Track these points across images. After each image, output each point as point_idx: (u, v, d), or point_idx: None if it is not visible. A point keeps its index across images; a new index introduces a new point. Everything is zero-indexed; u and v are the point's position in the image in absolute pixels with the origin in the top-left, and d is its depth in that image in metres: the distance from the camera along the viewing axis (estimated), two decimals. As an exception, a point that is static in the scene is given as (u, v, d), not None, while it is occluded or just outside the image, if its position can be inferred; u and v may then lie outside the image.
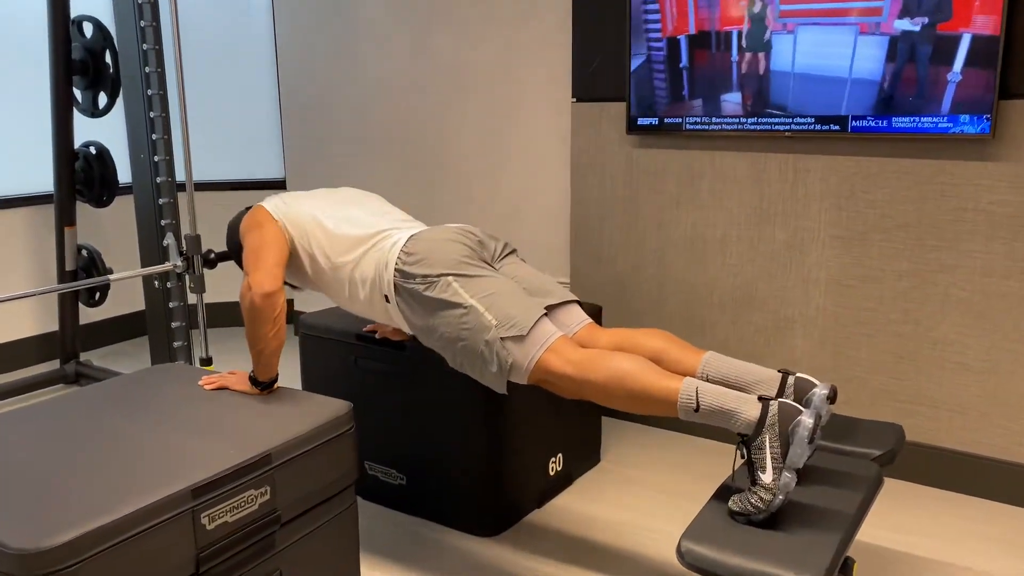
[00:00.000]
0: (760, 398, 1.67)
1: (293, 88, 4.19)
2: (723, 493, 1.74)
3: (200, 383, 2.09)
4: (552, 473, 2.67)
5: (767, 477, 1.61)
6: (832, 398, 1.75)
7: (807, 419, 1.60)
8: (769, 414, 1.63)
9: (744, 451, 1.67)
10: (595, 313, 2.81)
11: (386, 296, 2.09)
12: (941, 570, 2.27)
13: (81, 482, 1.58)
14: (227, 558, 1.67)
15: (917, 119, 2.48)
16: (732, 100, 2.78)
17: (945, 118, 2.44)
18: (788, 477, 1.60)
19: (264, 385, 2.04)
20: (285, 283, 2.36)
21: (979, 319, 2.56)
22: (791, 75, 2.62)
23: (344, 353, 2.61)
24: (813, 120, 2.65)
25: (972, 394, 2.61)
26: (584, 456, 2.86)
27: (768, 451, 1.62)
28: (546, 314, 1.98)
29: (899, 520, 2.53)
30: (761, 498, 1.60)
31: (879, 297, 2.71)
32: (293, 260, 2.21)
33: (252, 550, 1.73)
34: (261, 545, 1.75)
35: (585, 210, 3.24)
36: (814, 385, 1.81)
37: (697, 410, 1.71)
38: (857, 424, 2.10)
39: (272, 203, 2.26)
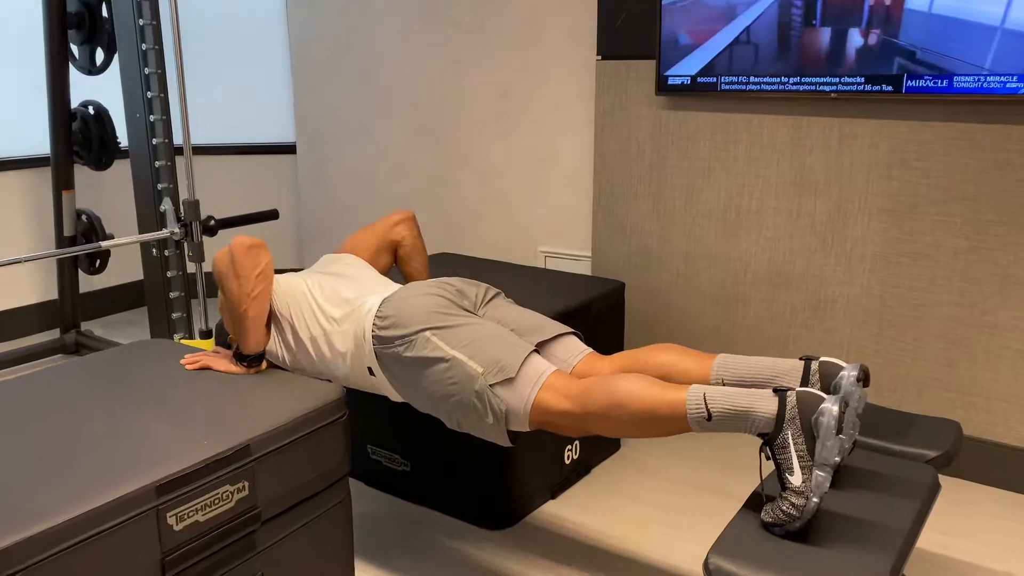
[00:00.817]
0: (775, 390, 1.47)
1: (303, 48, 3.98)
2: (755, 502, 1.53)
3: (182, 362, 1.91)
4: (568, 462, 2.48)
5: (796, 479, 1.40)
6: (863, 379, 1.54)
7: (831, 406, 1.39)
8: (787, 406, 1.43)
9: (768, 453, 1.47)
10: (617, 290, 2.60)
11: (369, 368, 1.89)
12: (996, 580, 2.05)
13: (27, 476, 1.40)
14: (198, 561, 1.49)
15: (982, 78, 2.22)
16: (779, 54, 2.52)
17: (1015, 77, 2.17)
18: (820, 476, 1.39)
19: (250, 360, 1.86)
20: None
21: (1044, 302, 2.31)
22: (928, 16, 2.28)
23: (345, 329, 2.42)
24: (863, 80, 2.39)
25: (1032, 385, 2.37)
26: (603, 444, 2.66)
27: (793, 449, 1.41)
28: (536, 351, 1.78)
29: (951, 523, 2.31)
30: (793, 504, 1.40)
31: (931, 276, 2.46)
32: (279, 332, 1.98)
33: (228, 552, 1.55)
34: (239, 546, 1.57)
35: (609, 178, 3.01)
36: (841, 368, 1.60)
37: (710, 419, 1.50)
38: (908, 420, 1.87)
39: None
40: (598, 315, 2.51)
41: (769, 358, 1.72)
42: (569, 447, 2.48)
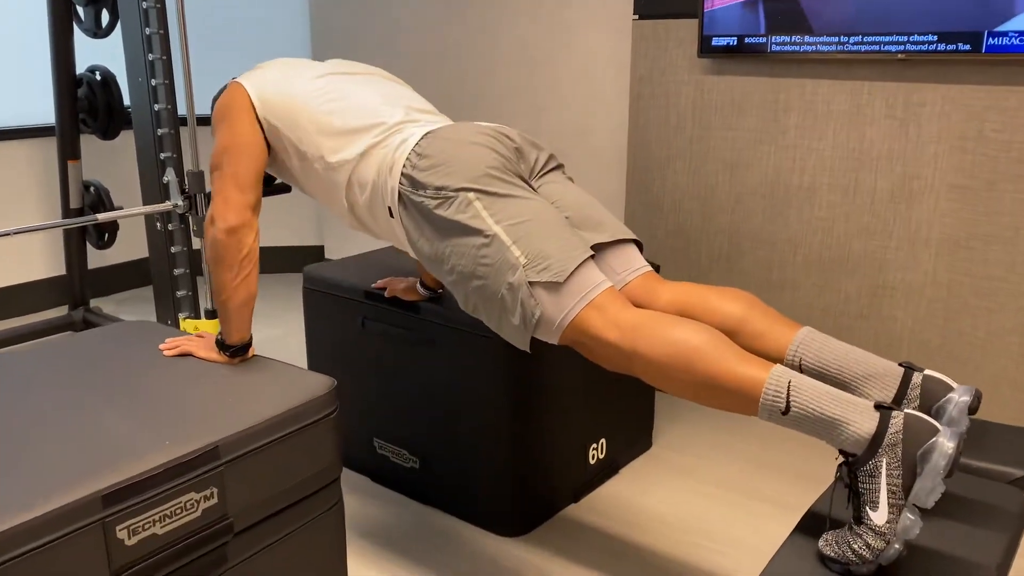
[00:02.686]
0: (877, 406, 1.21)
1: (324, 15, 3.76)
2: (812, 524, 1.29)
3: (160, 347, 1.71)
4: (593, 461, 2.25)
5: (879, 517, 1.15)
6: (975, 409, 1.28)
7: (946, 442, 1.13)
8: (890, 430, 1.17)
9: (847, 476, 1.22)
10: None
11: (389, 208, 1.61)
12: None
13: (-42, 481, 1.21)
14: (157, 580, 1.30)
15: (1079, 34, 1.92)
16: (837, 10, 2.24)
17: (1119, 32, 1.88)
18: (910, 520, 1.14)
19: (233, 350, 1.65)
20: (275, 183, 1.91)
21: None
22: None
23: (351, 313, 2.22)
24: (936, 38, 2.10)
25: (1125, 388, 2.08)
26: (632, 441, 2.42)
27: (884, 481, 1.16)
28: (592, 256, 1.50)
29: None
30: (868, 544, 1.15)
31: (1009, 263, 2.17)
32: (277, 156, 1.74)
33: (194, 568, 1.35)
34: (207, 561, 1.37)
35: (645, 150, 2.75)
36: (950, 389, 1.32)
37: (786, 412, 1.24)
38: (986, 429, 1.61)
39: (254, 81, 1.76)
40: (629, 301, 2.27)
41: (862, 351, 1.43)
42: (594, 446, 2.25)
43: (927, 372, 1.36)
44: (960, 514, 1.34)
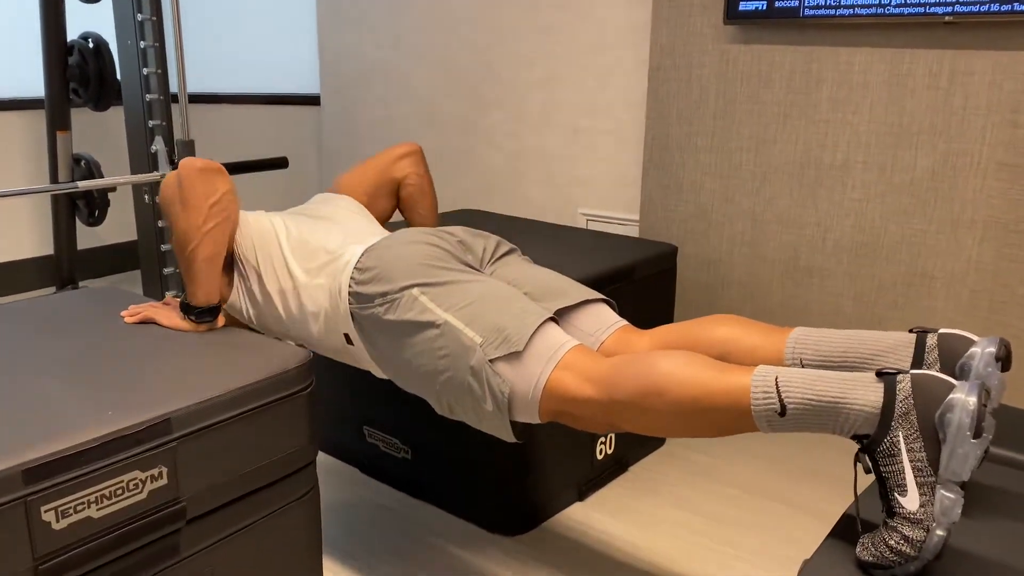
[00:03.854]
0: (879, 373, 1.04)
1: (329, -17, 3.60)
2: (846, 529, 1.10)
3: (122, 314, 1.55)
4: (601, 456, 2.07)
5: (911, 502, 0.98)
6: (1004, 360, 1.11)
7: (964, 396, 0.96)
8: (899, 396, 1.00)
9: (867, 463, 1.04)
10: (668, 255, 2.17)
11: (346, 336, 1.51)
12: None
13: None
14: (92, 571, 1.13)
15: None
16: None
17: None
18: (949, 498, 0.97)
19: (199, 311, 1.48)
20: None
21: None
22: None
23: (341, 288, 2.04)
24: (988, -2, 1.91)
25: None
26: (643, 437, 2.24)
27: (906, 457, 0.99)
28: (554, 320, 1.36)
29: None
30: (905, 537, 0.97)
31: (1063, 248, 1.98)
32: (242, 281, 1.61)
33: (137, 557, 1.18)
34: (153, 551, 1.20)
35: (664, 126, 2.56)
36: (971, 343, 1.16)
37: (783, 413, 1.07)
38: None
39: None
40: (644, 284, 2.09)
41: (866, 331, 1.28)
42: (602, 440, 2.06)
43: (942, 331, 1.19)
44: (1012, 511, 1.15)
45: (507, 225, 2.40)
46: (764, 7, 2.24)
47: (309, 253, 1.56)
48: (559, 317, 1.43)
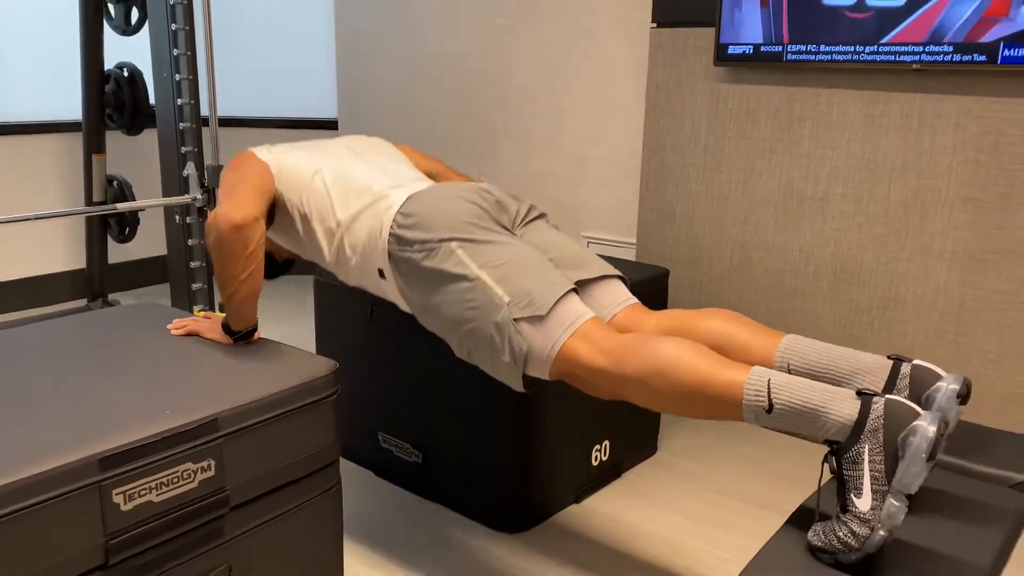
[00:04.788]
0: (859, 392, 1.21)
1: (347, 16, 3.82)
2: (802, 518, 1.28)
3: (168, 327, 1.74)
4: (596, 463, 2.25)
5: (863, 503, 1.15)
6: (964, 397, 1.27)
7: (927, 425, 1.13)
8: (871, 415, 1.17)
9: (834, 465, 1.21)
10: (660, 277, 2.35)
11: (380, 271, 1.68)
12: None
13: (-40, 439, 1.24)
14: (151, 547, 1.31)
15: (1095, 47, 1.91)
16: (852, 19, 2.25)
17: None
18: (895, 506, 1.13)
19: (238, 335, 1.68)
20: (284, 255, 2.00)
21: None
22: None
23: (360, 304, 2.24)
24: (951, 48, 2.10)
25: None
26: (637, 445, 2.42)
27: (867, 467, 1.16)
28: (575, 290, 1.54)
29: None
30: (853, 532, 1.14)
31: (1021, 277, 2.15)
32: (282, 219, 1.81)
33: (189, 539, 1.37)
34: (202, 533, 1.39)
35: (659, 157, 2.76)
36: (939, 377, 1.33)
37: (770, 411, 1.25)
38: (992, 436, 1.59)
39: (266, 150, 1.87)
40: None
41: (849, 349, 1.45)
42: (598, 447, 2.24)
43: (916, 362, 1.35)
44: (959, 514, 1.33)
45: (513, 248, 2.58)
46: (751, 51, 2.43)
47: (354, 193, 1.71)
48: (579, 288, 1.59)
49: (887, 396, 1.19)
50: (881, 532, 1.13)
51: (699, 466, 2.42)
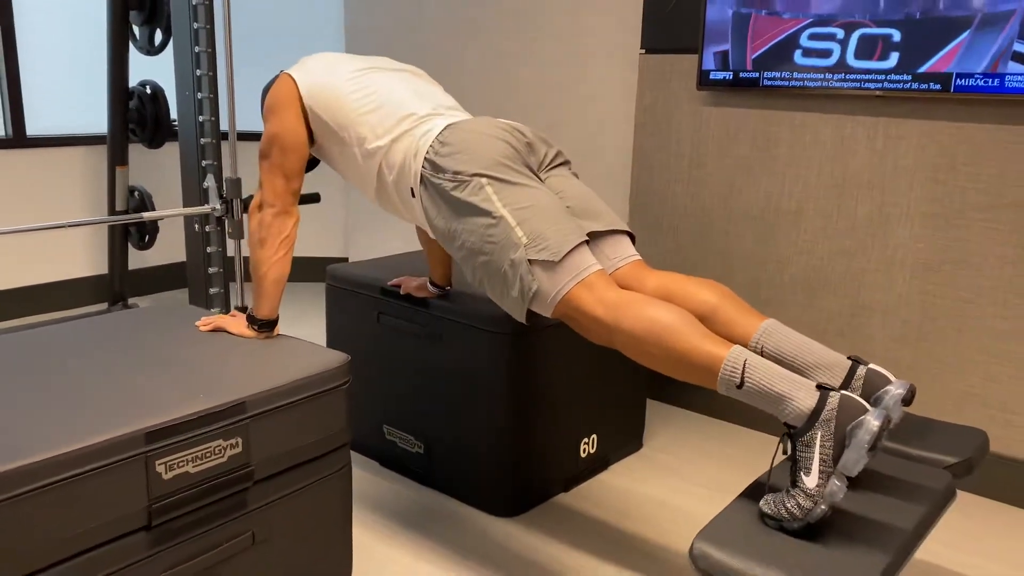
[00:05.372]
0: (819, 386, 1.39)
1: (357, 36, 4.03)
2: (756, 491, 1.47)
3: (196, 323, 1.94)
4: (584, 455, 2.43)
5: (810, 481, 1.33)
6: (908, 400, 1.46)
7: (872, 420, 1.30)
8: (827, 407, 1.34)
9: (789, 445, 1.40)
10: (645, 284, 2.55)
11: (411, 189, 1.82)
12: (1024, 606, 1.93)
13: (25, 416, 1.43)
14: (186, 513, 1.50)
15: (1036, 78, 2.11)
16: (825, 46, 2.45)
17: (1071, 77, 2.07)
18: (836, 485, 1.32)
19: (262, 324, 1.87)
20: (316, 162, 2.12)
21: (1095, 318, 2.18)
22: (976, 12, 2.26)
23: (367, 308, 2.43)
24: (910, 77, 2.30)
25: (1080, 405, 2.24)
26: (623, 440, 2.60)
27: (817, 450, 1.33)
28: (587, 241, 1.69)
29: (982, 544, 2.19)
30: (799, 504, 1.33)
31: (975, 287, 2.35)
32: (319, 141, 1.95)
33: (218, 507, 1.56)
34: (229, 503, 1.58)
35: (647, 174, 2.96)
36: (888, 381, 1.51)
37: (740, 387, 1.43)
38: (931, 426, 1.78)
39: (302, 74, 1.94)
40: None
41: (817, 344, 1.62)
42: (586, 441, 2.43)
43: (871, 366, 1.54)
44: (892, 490, 1.51)
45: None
46: (730, 77, 2.64)
47: (394, 118, 1.82)
48: (590, 239, 1.73)
49: (842, 392, 1.37)
50: (822, 507, 1.31)
51: (681, 461, 2.60)
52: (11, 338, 1.84)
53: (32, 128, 3.80)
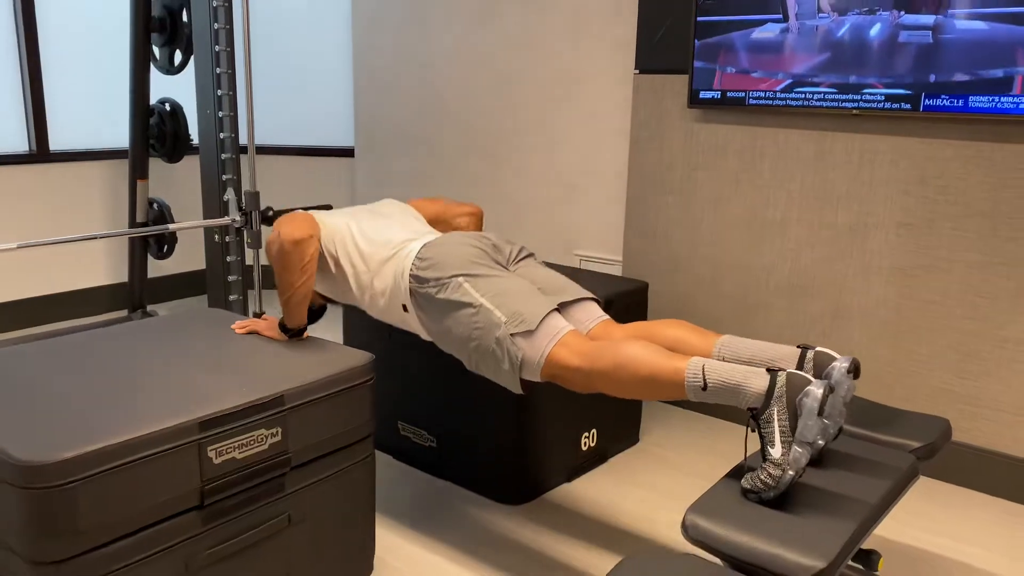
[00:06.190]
0: (768, 370, 1.58)
1: (365, 57, 4.23)
2: (738, 472, 1.66)
3: (232, 327, 2.12)
4: (584, 448, 2.62)
5: (776, 452, 1.53)
6: (853, 371, 1.64)
7: (815, 389, 1.50)
8: (777, 385, 1.54)
9: (753, 426, 1.59)
10: (641, 290, 2.74)
11: (404, 306, 2.07)
12: (987, 580, 2.12)
13: (94, 407, 1.62)
14: (233, 494, 1.68)
15: (996, 99, 2.31)
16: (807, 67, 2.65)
17: (1027, 98, 2.27)
18: (798, 452, 1.51)
19: (292, 332, 2.06)
20: (322, 298, 2.34)
21: (1054, 318, 2.38)
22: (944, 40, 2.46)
23: (382, 328, 2.61)
24: (883, 98, 2.50)
25: (1041, 399, 2.43)
26: (621, 435, 2.79)
27: (776, 424, 1.53)
28: (557, 310, 1.93)
29: (951, 527, 2.38)
30: (770, 474, 1.52)
31: (945, 289, 2.54)
32: (322, 265, 2.20)
33: (260, 490, 1.74)
34: (269, 486, 1.76)
35: (642, 185, 3.16)
36: (834, 359, 1.70)
37: (705, 388, 1.63)
38: (900, 415, 1.97)
39: (318, 215, 2.26)
40: (622, 311, 2.65)
41: (769, 343, 1.83)
42: (586, 435, 2.62)
43: (818, 348, 1.74)
44: (861, 469, 1.70)
45: (513, 264, 2.98)
46: (719, 96, 2.83)
47: (379, 244, 2.11)
48: (561, 308, 1.98)
49: (788, 371, 1.57)
50: (790, 472, 1.50)
51: (675, 454, 2.79)
52: (67, 340, 2.02)
53: (55, 144, 3.98)
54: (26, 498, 1.41)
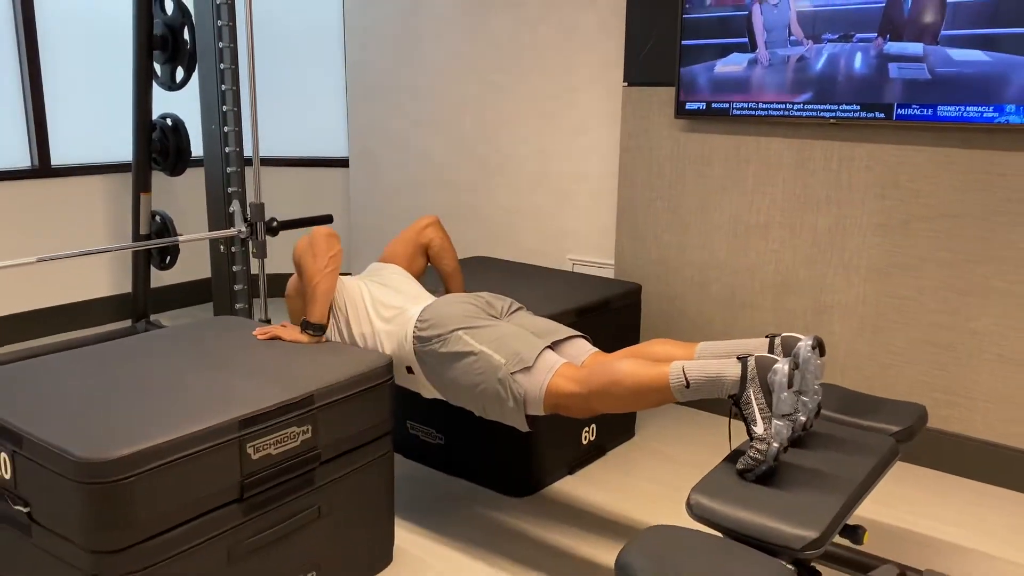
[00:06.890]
0: (738, 358, 1.74)
1: (358, 70, 4.36)
2: (734, 456, 1.81)
3: (254, 333, 2.25)
4: (585, 442, 2.77)
5: (759, 428, 1.68)
6: (818, 348, 1.78)
7: (781, 365, 1.66)
8: (748, 368, 1.70)
9: (734, 411, 1.74)
10: (635, 291, 2.89)
11: (408, 368, 2.22)
12: (964, 556, 2.29)
13: (142, 409, 1.74)
14: (269, 488, 1.81)
15: (963, 108, 2.49)
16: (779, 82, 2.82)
17: (991, 107, 2.44)
18: (779, 424, 1.66)
19: (315, 328, 2.18)
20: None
21: (1020, 310, 2.55)
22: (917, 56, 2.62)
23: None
24: (859, 107, 2.67)
25: (1011, 386, 2.60)
26: (618, 430, 2.94)
27: (755, 403, 1.69)
28: (550, 347, 2.08)
29: (930, 508, 2.55)
30: (758, 449, 1.67)
31: (918, 286, 2.72)
32: (336, 321, 2.32)
33: (293, 483, 1.87)
34: (301, 480, 1.89)
35: (632, 192, 3.31)
36: (799, 340, 1.85)
37: (688, 386, 1.78)
38: (880, 403, 2.13)
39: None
40: (617, 312, 2.81)
41: (742, 340, 1.99)
42: (586, 429, 2.76)
43: (784, 334, 1.89)
44: (846, 451, 1.86)
45: (510, 269, 3.12)
46: (704, 107, 3.00)
47: (384, 308, 2.28)
48: (554, 346, 2.14)
49: (755, 355, 1.73)
50: (775, 444, 1.66)
51: (669, 447, 2.95)
52: (94, 350, 2.14)
53: (57, 159, 4.08)
54: (86, 492, 1.53)
